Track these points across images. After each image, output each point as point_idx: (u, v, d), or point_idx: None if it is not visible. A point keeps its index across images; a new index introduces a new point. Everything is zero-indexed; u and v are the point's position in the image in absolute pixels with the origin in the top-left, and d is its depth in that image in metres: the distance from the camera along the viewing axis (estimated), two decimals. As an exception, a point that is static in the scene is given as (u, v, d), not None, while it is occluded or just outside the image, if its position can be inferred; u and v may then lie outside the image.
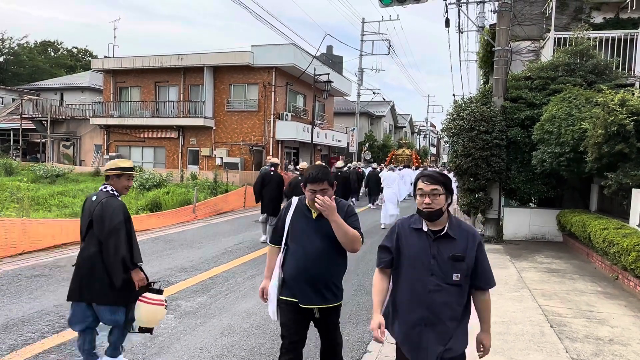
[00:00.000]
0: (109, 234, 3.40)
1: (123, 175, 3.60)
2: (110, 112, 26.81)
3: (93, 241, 3.47)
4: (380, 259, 2.56)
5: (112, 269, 3.39)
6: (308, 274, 2.95)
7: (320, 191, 2.85)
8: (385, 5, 10.90)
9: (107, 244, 3.40)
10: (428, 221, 2.39)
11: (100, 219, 3.42)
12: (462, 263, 2.35)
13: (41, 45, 54.68)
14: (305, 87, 26.41)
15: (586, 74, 9.79)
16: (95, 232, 3.45)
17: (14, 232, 7.33)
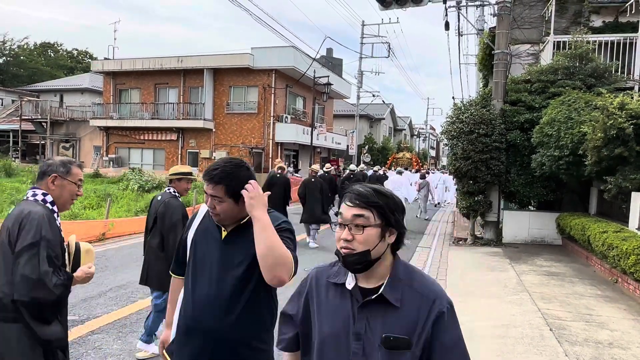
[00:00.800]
0: (169, 229, 3.86)
1: (183, 179, 4.05)
2: (110, 113, 26.84)
3: (157, 235, 3.97)
4: (280, 335, 1.62)
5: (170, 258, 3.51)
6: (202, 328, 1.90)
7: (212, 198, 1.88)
8: (385, 7, 10.93)
9: (168, 237, 3.86)
10: (351, 271, 1.43)
11: (162, 216, 3.91)
12: (405, 353, 1.35)
13: (41, 46, 54.75)
14: (305, 90, 26.46)
15: (585, 77, 9.82)
16: (159, 227, 3.94)
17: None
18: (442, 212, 18.10)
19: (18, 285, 1.96)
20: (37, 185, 2.24)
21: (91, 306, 5.15)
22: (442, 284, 6.83)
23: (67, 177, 2.24)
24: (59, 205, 2.25)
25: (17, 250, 2.01)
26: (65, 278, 2.09)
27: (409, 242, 10.50)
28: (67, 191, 2.26)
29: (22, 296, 1.96)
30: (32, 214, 2.07)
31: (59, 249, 2.16)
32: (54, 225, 2.14)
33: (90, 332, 4.41)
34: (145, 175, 17.49)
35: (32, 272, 1.97)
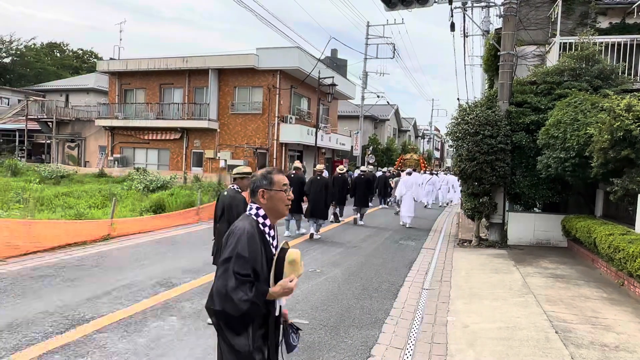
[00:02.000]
0: (234, 218, 4.47)
1: (245, 178, 5.07)
2: (115, 113, 26.92)
3: (225, 223, 4.91)
4: None
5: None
6: None
7: None
8: (390, 9, 10.92)
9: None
10: None
11: (230, 207, 4.96)
12: None
13: (47, 46, 55.04)
14: (310, 90, 26.44)
15: (592, 79, 9.76)
16: (226, 216, 4.93)
17: (19, 232, 7.35)
18: (447, 214, 18.05)
19: (212, 296, 2.12)
20: (252, 200, 2.36)
21: (96, 305, 5.16)
22: (447, 285, 6.81)
23: (273, 188, 2.32)
24: (275, 215, 2.34)
25: (219, 262, 2.18)
26: (255, 294, 2.09)
27: (414, 244, 10.49)
28: (277, 200, 2.32)
29: (214, 305, 2.10)
30: (235, 229, 2.21)
31: (259, 264, 2.17)
32: (255, 241, 2.18)
33: (96, 331, 4.43)
34: (150, 175, 17.52)
35: (222, 285, 2.08)
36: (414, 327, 5.01)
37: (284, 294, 2.18)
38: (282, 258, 2.22)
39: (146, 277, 6.44)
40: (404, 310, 5.57)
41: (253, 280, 2.12)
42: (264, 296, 2.12)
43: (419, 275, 7.43)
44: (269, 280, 2.19)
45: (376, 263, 8.19)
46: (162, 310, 5.11)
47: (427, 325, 5.07)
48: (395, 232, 12.19)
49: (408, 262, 8.45)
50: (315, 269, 7.39)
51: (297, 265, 2.22)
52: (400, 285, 6.72)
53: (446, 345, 4.46)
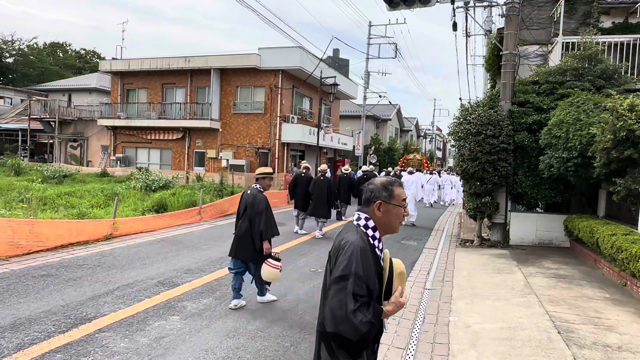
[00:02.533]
0: (255, 215, 5.27)
1: (266, 178, 5.56)
2: (117, 113, 26.98)
3: (246, 220, 5.35)
4: None
5: (255, 238, 5.29)
6: None
7: None
8: (392, 8, 10.90)
9: (254, 222, 5.29)
10: None
11: (252, 205, 5.34)
12: None
13: (50, 46, 55.19)
14: (312, 90, 26.45)
15: (595, 78, 9.73)
16: (248, 214, 5.34)
17: (22, 231, 7.37)
18: (449, 214, 18.02)
19: (325, 317, 1.98)
20: (363, 210, 2.19)
21: (98, 304, 5.17)
22: (449, 285, 6.80)
23: (392, 201, 2.14)
24: (386, 230, 2.18)
25: (330, 279, 2.02)
26: (373, 315, 1.96)
27: (415, 244, 10.48)
28: (394, 215, 2.16)
29: (327, 327, 1.96)
30: (348, 244, 2.03)
31: (373, 282, 2.02)
32: (367, 257, 2.02)
33: (98, 330, 4.43)
34: (152, 175, 17.54)
35: (337, 306, 1.92)
36: (415, 327, 5.00)
37: (397, 310, 2.06)
38: (392, 269, 2.10)
39: (148, 276, 6.45)
40: (406, 310, 5.56)
41: (369, 299, 1.98)
42: (379, 315, 2.00)
43: (421, 275, 7.42)
44: (380, 296, 2.07)
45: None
46: (164, 309, 5.12)
47: (429, 325, 5.07)
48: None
49: (410, 262, 8.44)
50: (317, 269, 7.39)
51: (404, 276, 2.13)
52: (402, 285, 6.71)
53: (448, 346, 4.45)
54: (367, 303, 1.96)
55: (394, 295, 2.05)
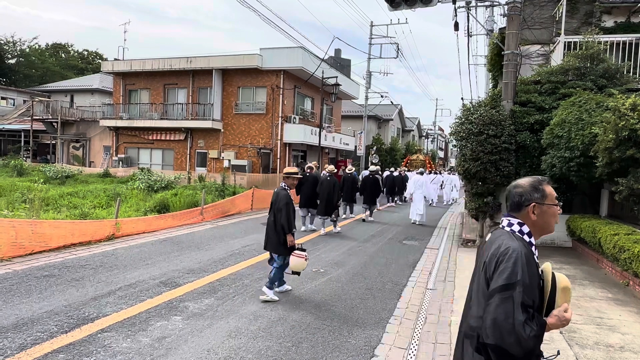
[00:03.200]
0: (277, 211, 5.82)
1: (290, 177, 6.07)
2: (119, 114, 27.04)
3: (272, 215, 5.88)
4: None
5: (279, 231, 5.76)
6: None
7: None
8: (394, 8, 10.89)
9: (277, 217, 5.79)
10: None
11: (275, 202, 5.91)
12: None
13: (52, 47, 55.32)
14: (313, 90, 26.46)
15: (597, 78, 9.71)
16: (273, 209, 5.90)
17: (24, 232, 7.39)
18: (451, 214, 18.00)
19: (486, 327, 1.84)
20: (512, 215, 2.07)
21: (101, 304, 5.19)
22: (451, 285, 6.80)
23: (546, 202, 2.03)
24: (541, 232, 2.07)
25: (490, 289, 1.89)
26: (539, 328, 1.83)
27: (417, 244, 10.47)
28: (549, 216, 2.04)
29: (489, 339, 1.83)
30: (510, 251, 1.90)
31: (536, 292, 1.90)
32: (532, 264, 1.91)
33: (100, 330, 4.44)
34: (154, 175, 17.58)
35: (503, 318, 1.80)
36: (417, 327, 5.00)
37: (560, 326, 1.94)
38: (554, 283, 1.97)
39: (150, 276, 6.47)
40: (408, 310, 5.57)
41: (534, 311, 1.85)
42: (544, 329, 1.86)
43: (423, 275, 7.42)
44: (539, 311, 1.94)
45: (380, 263, 8.18)
46: (166, 310, 5.13)
47: (430, 325, 5.07)
48: (399, 232, 12.18)
49: (412, 262, 8.44)
50: (319, 269, 7.40)
51: (568, 292, 1.97)
52: (404, 285, 6.71)
53: (450, 345, 4.45)
54: (532, 315, 1.84)
55: (558, 309, 1.92)
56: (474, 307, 2.02)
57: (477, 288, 2.03)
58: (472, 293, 2.08)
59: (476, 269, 2.11)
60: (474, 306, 2.02)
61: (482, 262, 2.05)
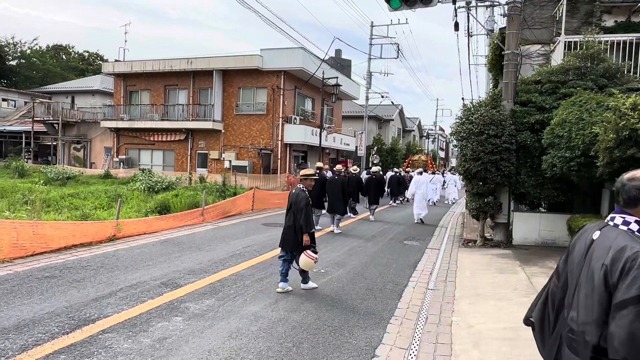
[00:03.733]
0: (297, 211, 6.11)
1: (308, 179, 6.46)
2: (120, 115, 27.09)
3: (291, 215, 6.16)
4: None
5: (298, 231, 6.06)
6: None
7: None
8: (394, 8, 10.89)
9: (297, 217, 6.08)
10: None
11: (295, 202, 6.14)
12: None
13: (53, 49, 55.43)
14: (314, 91, 26.49)
15: (597, 77, 9.71)
16: (292, 210, 6.18)
17: (25, 233, 7.40)
18: (452, 214, 18.00)
19: (618, 342, 1.67)
20: (627, 212, 1.90)
21: (102, 305, 5.19)
22: (451, 285, 6.80)
23: None
24: None
25: (620, 299, 1.71)
26: None
27: (418, 244, 10.47)
28: None
29: (618, 355, 1.67)
30: (638, 256, 1.71)
31: None
32: None
33: (101, 331, 4.45)
34: (155, 176, 17.60)
35: None
36: (418, 327, 5.00)
37: None
38: None
39: (151, 277, 6.47)
40: (409, 310, 5.57)
41: None
42: None
43: (424, 276, 7.42)
44: None
45: (381, 263, 8.18)
46: (167, 310, 5.13)
47: (431, 325, 5.07)
48: (400, 232, 12.18)
49: (413, 262, 8.44)
50: (320, 269, 7.40)
51: None
52: (404, 286, 6.71)
53: (451, 346, 4.45)
54: None
55: None
56: (581, 312, 1.85)
57: (586, 291, 1.84)
58: (572, 295, 1.91)
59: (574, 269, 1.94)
60: (581, 310, 1.85)
61: (588, 263, 1.88)
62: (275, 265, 7.51)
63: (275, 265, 7.51)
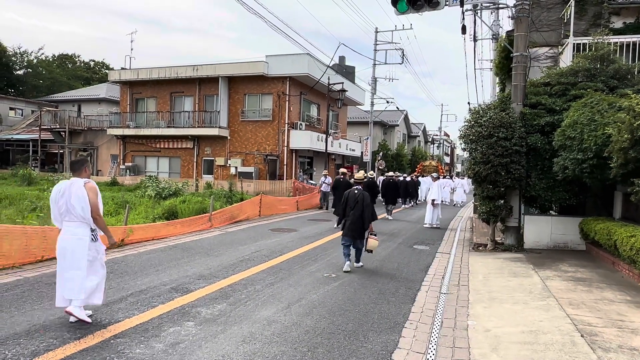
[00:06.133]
0: (365, 207, 7.66)
1: (362, 182, 8.32)
2: (126, 122, 27.19)
3: (359, 210, 7.67)
4: None
5: (366, 221, 7.66)
6: None
7: None
8: (401, 12, 10.88)
9: (365, 211, 7.65)
10: None
11: (362, 200, 7.71)
12: None
13: (59, 58, 55.89)
14: (319, 97, 26.50)
15: (607, 79, 9.63)
16: (360, 206, 7.67)
17: (35, 239, 7.37)
18: (460, 218, 17.86)
19: None
20: None
21: (112, 310, 5.13)
22: (465, 289, 6.69)
23: None
24: None
25: None
26: None
27: (428, 249, 10.37)
28: None
29: None
30: None
31: None
32: None
33: (113, 337, 4.39)
34: (162, 183, 17.59)
35: None
36: (434, 331, 4.91)
37: None
38: None
39: (161, 282, 6.41)
40: (423, 314, 5.47)
41: None
42: None
43: (436, 280, 7.32)
44: None
45: (391, 267, 8.09)
46: (179, 315, 5.07)
47: (447, 329, 4.97)
48: (410, 235, 12.06)
49: (424, 266, 8.34)
50: (331, 274, 7.31)
51: None
52: (417, 290, 6.62)
53: (469, 350, 4.35)
54: None
55: None
56: None
57: None
58: None
59: None
60: None
61: None
62: (285, 270, 7.46)
63: (285, 270, 7.46)
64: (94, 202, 4.71)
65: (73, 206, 4.66)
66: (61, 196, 4.72)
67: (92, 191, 4.73)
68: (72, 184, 4.74)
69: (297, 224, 13.73)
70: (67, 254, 4.76)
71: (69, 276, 4.71)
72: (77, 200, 4.65)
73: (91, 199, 4.69)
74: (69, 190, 4.70)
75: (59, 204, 4.74)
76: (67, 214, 4.73)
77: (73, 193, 4.67)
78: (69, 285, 4.68)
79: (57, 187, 4.81)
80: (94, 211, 4.72)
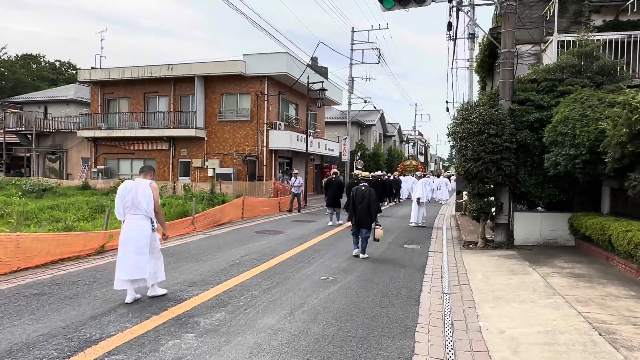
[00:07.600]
0: (372, 201, 8.55)
1: (368, 180, 9.13)
2: (98, 124, 26.18)
3: (366, 203, 8.56)
4: None
5: (373, 214, 8.58)
6: None
7: None
8: (387, 8, 10.70)
9: (372, 204, 8.56)
10: None
11: (369, 195, 8.61)
12: None
13: (22, 58, 53.66)
14: (298, 97, 26.18)
15: (593, 75, 9.70)
16: (367, 200, 8.56)
17: (8, 247, 6.81)
18: (442, 217, 17.88)
19: None
20: None
21: (102, 324, 4.72)
22: (467, 288, 6.54)
23: None
24: None
25: None
26: None
27: (419, 248, 10.23)
28: None
29: None
30: None
31: None
32: None
33: (107, 353, 3.99)
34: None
35: None
36: (447, 334, 4.70)
37: None
38: None
39: (151, 291, 6.00)
40: (432, 317, 5.26)
41: None
42: None
43: (435, 280, 7.15)
44: None
45: (388, 268, 7.88)
46: (176, 327, 4.70)
47: (460, 332, 4.77)
48: (398, 235, 11.91)
49: (419, 266, 8.17)
50: (328, 277, 7.05)
51: None
52: (419, 291, 6.42)
53: (488, 353, 4.16)
54: None
55: None
56: None
57: None
58: None
59: None
60: None
61: None
62: (280, 274, 7.17)
63: (280, 274, 7.17)
64: (156, 199, 5.60)
65: (139, 201, 5.45)
66: (127, 193, 5.49)
67: (155, 190, 5.62)
68: (138, 183, 5.56)
69: (282, 226, 13.41)
70: (132, 241, 5.46)
71: (135, 260, 5.43)
72: (144, 197, 5.46)
73: (155, 196, 5.58)
74: (136, 188, 5.50)
75: (125, 200, 5.48)
76: (132, 208, 5.48)
77: (140, 191, 5.48)
78: (136, 267, 5.43)
79: (124, 185, 5.58)
80: (156, 206, 5.60)
